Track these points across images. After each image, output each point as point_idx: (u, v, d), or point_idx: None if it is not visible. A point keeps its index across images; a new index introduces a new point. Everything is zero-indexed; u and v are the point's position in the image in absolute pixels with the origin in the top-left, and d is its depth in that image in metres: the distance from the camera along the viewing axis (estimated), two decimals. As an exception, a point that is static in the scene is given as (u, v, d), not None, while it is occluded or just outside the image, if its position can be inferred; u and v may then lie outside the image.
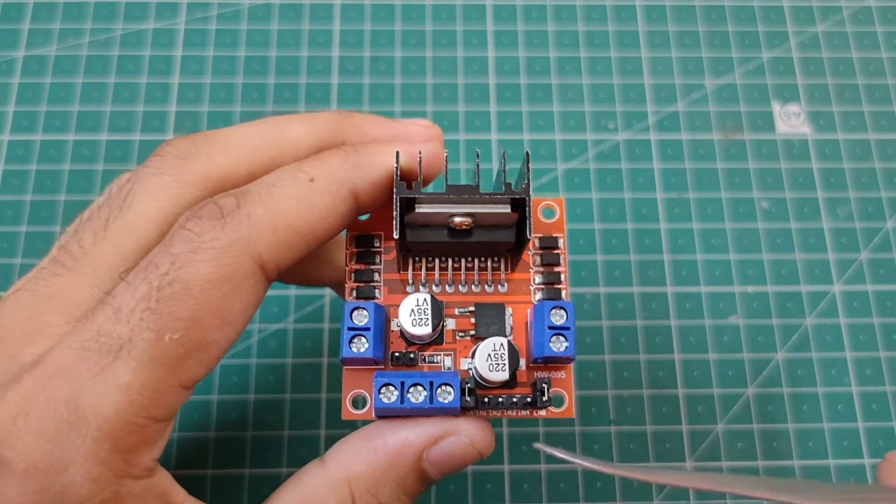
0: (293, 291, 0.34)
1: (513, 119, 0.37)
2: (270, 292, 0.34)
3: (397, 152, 0.21)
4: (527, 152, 0.21)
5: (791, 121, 0.38)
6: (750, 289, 0.35)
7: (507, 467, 0.32)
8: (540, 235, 0.23)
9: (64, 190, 0.35)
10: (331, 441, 0.32)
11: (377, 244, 0.23)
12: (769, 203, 0.36)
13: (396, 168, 0.21)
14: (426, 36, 0.39)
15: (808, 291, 0.35)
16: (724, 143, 0.37)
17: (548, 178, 0.36)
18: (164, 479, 0.20)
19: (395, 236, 0.20)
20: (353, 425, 0.22)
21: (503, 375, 0.21)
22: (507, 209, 0.21)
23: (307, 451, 0.32)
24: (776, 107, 0.38)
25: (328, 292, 0.34)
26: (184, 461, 0.31)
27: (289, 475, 0.31)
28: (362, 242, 0.23)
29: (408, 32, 0.39)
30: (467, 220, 0.21)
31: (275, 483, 0.31)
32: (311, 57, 0.38)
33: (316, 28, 0.39)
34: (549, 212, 0.24)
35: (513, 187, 0.20)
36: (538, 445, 0.21)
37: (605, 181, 0.37)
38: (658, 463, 0.32)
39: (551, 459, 0.32)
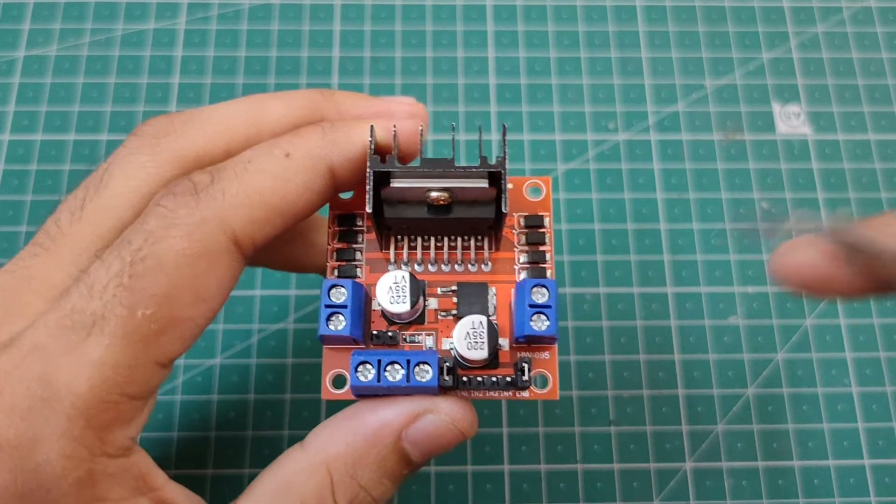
0: (293, 291, 0.34)
1: (513, 119, 0.37)
2: (270, 292, 0.34)
3: (372, 126, 0.21)
4: (504, 125, 0.21)
5: (791, 121, 0.38)
6: (750, 289, 0.35)
7: (507, 467, 0.32)
8: (525, 214, 0.23)
9: (64, 190, 0.36)
10: (331, 441, 0.32)
11: (359, 223, 0.23)
12: (769, 203, 0.36)
13: (371, 141, 0.20)
14: (426, 36, 0.39)
15: (808, 292, 0.35)
16: (724, 144, 0.37)
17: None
18: (143, 459, 0.20)
19: (368, 210, 0.20)
20: (336, 407, 0.22)
21: (482, 354, 0.21)
22: (484, 183, 0.20)
23: (307, 451, 0.32)
24: (776, 107, 0.38)
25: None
26: (183, 461, 0.31)
27: (289, 475, 0.31)
28: (344, 221, 0.23)
29: (408, 32, 0.39)
30: (444, 195, 0.20)
31: (275, 483, 0.31)
32: (311, 57, 0.38)
33: (316, 28, 0.39)
34: (536, 190, 0.23)
35: (488, 160, 0.20)
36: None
37: (605, 181, 0.37)
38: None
39: (551, 459, 0.32)
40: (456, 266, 0.23)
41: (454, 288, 0.22)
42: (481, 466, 0.32)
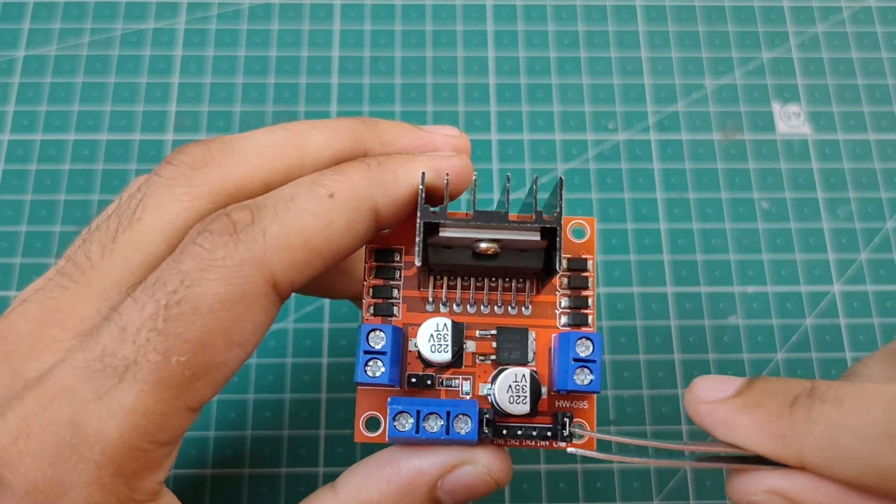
0: (293, 291, 0.34)
1: (513, 119, 0.37)
2: (270, 292, 0.34)
3: (423, 173, 0.20)
4: (560, 178, 0.20)
5: (791, 121, 0.38)
6: (750, 289, 0.35)
7: (506, 467, 0.32)
8: (568, 256, 0.22)
9: (64, 190, 0.36)
10: (330, 441, 0.32)
11: (397, 259, 0.22)
12: (769, 203, 0.36)
13: (421, 191, 0.20)
14: (426, 36, 0.39)
15: (808, 291, 0.35)
16: (724, 144, 0.37)
17: (548, 179, 0.36)
18: (170, 502, 0.20)
19: (418, 264, 0.19)
20: (367, 447, 0.22)
21: (524, 409, 0.20)
22: (535, 236, 0.20)
23: (307, 451, 0.32)
24: (776, 107, 0.38)
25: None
26: (183, 461, 0.31)
27: (288, 475, 0.31)
28: (382, 256, 0.22)
29: (408, 32, 0.39)
30: (493, 245, 0.20)
31: (274, 483, 0.31)
32: (311, 57, 0.38)
33: (316, 28, 0.39)
34: (580, 231, 0.23)
35: (543, 213, 0.19)
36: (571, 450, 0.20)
37: (605, 181, 0.36)
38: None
39: (550, 459, 0.32)
40: (496, 308, 0.22)
41: (493, 332, 0.22)
42: (481, 466, 0.32)
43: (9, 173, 0.36)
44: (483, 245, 0.20)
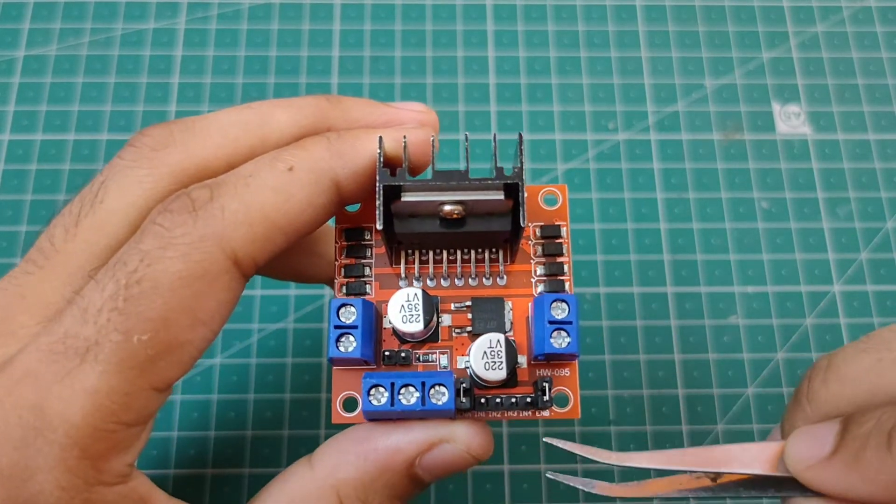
0: (293, 291, 0.34)
1: (513, 119, 0.37)
2: (270, 292, 0.34)
3: (380, 137, 0.20)
4: (519, 133, 0.20)
5: (791, 121, 0.38)
6: (750, 289, 0.35)
7: (506, 467, 0.32)
8: (541, 224, 0.22)
9: (64, 190, 0.36)
10: (330, 441, 0.32)
11: (368, 237, 0.22)
12: (769, 203, 0.36)
13: (379, 154, 0.19)
14: (426, 36, 0.39)
15: (808, 291, 0.35)
16: (724, 143, 0.37)
17: (548, 178, 0.36)
18: (142, 483, 0.19)
19: (379, 227, 0.19)
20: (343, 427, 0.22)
21: (500, 374, 0.20)
22: (499, 195, 0.19)
23: (307, 451, 0.32)
24: (776, 107, 0.38)
25: (328, 292, 0.34)
26: (183, 461, 0.31)
27: (288, 475, 0.31)
28: (352, 235, 0.22)
29: (408, 32, 0.39)
30: (458, 208, 0.19)
31: (274, 483, 0.31)
32: (311, 57, 0.38)
33: (316, 28, 0.39)
34: (552, 199, 0.22)
35: (505, 171, 0.19)
36: (549, 440, 0.20)
37: (605, 181, 0.36)
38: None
39: (550, 459, 0.32)
40: (470, 280, 0.22)
41: (468, 303, 0.22)
42: (481, 466, 0.32)
43: (9, 173, 0.36)
44: (447, 208, 0.19)
